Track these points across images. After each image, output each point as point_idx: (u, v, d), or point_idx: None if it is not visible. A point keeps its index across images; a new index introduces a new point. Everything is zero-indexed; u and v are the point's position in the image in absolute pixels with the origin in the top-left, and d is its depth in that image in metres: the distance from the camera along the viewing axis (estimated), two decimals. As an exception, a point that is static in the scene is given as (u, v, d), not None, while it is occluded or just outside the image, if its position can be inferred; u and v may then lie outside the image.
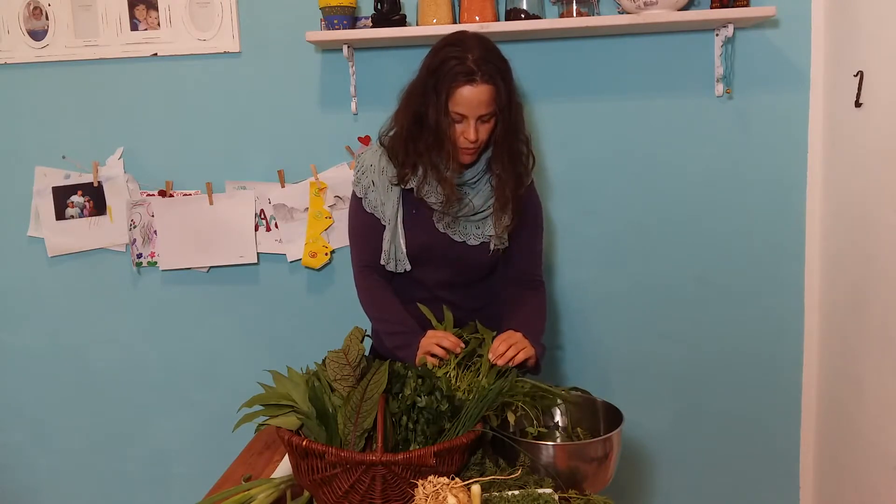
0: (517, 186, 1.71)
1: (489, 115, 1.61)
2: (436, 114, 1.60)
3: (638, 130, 2.27)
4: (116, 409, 2.48)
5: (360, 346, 1.40)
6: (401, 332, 1.71)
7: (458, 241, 1.74)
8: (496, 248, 1.77)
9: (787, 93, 2.23)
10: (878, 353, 1.96)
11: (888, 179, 1.89)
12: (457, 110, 1.59)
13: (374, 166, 1.75)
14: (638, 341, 2.36)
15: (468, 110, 1.59)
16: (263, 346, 2.42)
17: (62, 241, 2.40)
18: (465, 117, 1.60)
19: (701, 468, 2.42)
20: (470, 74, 1.56)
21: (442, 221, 1.73)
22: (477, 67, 1.56)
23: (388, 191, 1.73)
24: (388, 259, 1.75)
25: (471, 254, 1.76)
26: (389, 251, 1.74)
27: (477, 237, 1.74)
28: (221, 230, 2.35)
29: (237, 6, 2.28)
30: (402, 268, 1.75)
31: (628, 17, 2.07)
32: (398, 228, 1.73)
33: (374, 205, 1.75)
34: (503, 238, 1.76)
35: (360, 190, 1.76)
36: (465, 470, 1.40)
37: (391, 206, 1.73)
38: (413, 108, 1.66)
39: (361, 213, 1.77)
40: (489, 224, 1.73)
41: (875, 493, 2.00)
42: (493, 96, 1.59)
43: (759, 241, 2.30)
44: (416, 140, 1.66)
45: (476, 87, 1.57)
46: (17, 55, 2.34)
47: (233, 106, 2.33)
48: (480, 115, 1.60)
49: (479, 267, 1.79)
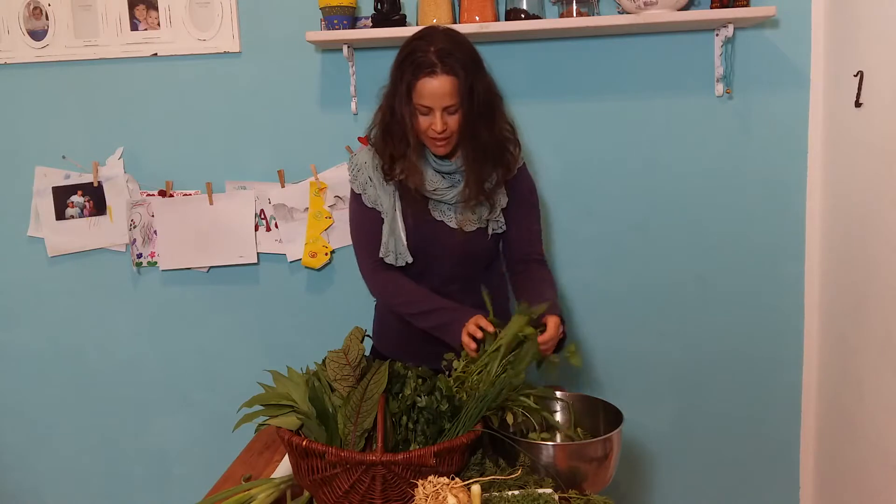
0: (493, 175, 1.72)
1: (454, 107, 1.62)
2: (401, 106, 1.64)
3: (638, 130, 2.27)
4: (116, 409, 2.48)
5: (360, 346, 1.40)
6: (438, 310, 1.70)
7: (455, 229, 1.74)
8: (494, 231, 1.78)
9: (787, 93, 2.23)
10: (878, 353, 1.96)
11: (888, 179, 1.89)
12: (421, 102, 1.62)
13: (367, 163, 1.77)
14: (638, 341, 2.36)
15: (431, 101, 1.61)
16: (263, 345, 2.42)
17: (62, 241, 2.40)
18: (431, 109, 1.62)
19: (701, 468, 2.42)
20: (431, 66, 1.59)
21: (437, 209, 1.75)
22: (438, 59, 1.59)
23: (383, 185, 1.74)
24: (387, 251, 1.74)
25: (469, 240, 1.76)
26: (389, 243, 1.74)
27: (472, 222, 1.75)
28: (221, 230, 2.35)
29: (237, 6, 2.28)
30: (403, 260, 1.75)
31: (628, 17, 2.07)
32: (397, 220, 1.73)
33: (373, 199, 1.76)
34: (499, 221, 1.78)
35: (359, 186, 1.77)
36: (465, 470, 1.40)
37: (388, 199, 1.74)
38: (388, 103, 1.70)
39: (362, 209, 1.78)
40: (483, 208, 1.75)
41: (875, 493, 2.00)
42: (455, 88, 1.60)
43: (759, 241, 2.30)
44: (393, 133, 1.69)
45: (437, 79, 1.59)
46: (17, 55, 2.34)
47: (233, 106, 2.33)
48: (445, 107, 1.61)
49: (479, 252, 1.79)
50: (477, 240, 1.77)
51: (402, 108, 1.64)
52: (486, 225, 1.77)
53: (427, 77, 1.59)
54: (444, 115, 1.62)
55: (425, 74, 1.59)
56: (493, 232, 1.78)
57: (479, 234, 1.77)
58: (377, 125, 1.74)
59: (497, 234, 1.80)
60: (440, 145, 1.67)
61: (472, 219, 1.75)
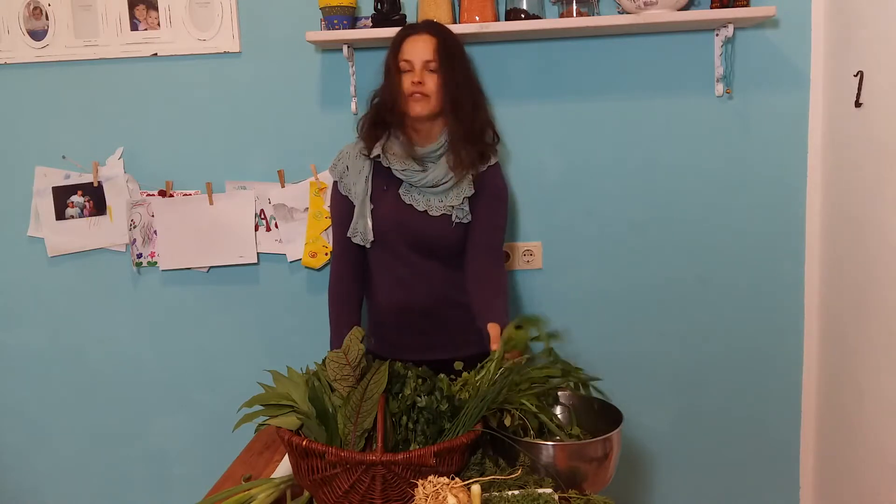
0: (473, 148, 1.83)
1: (433, 64, 1.78)
2: (388, 72, 1.83)
3: (638, 130, 2.27)
4: (116, 409, 2.48)
5: (360, 346, 1.40)
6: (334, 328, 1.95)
7: (421, 211, 1.84)
8: (458, 220, 1.85)
9: (787, 93, 2.23)
10: (878, 353, 1.96)
11: (888, 179, 1.89)
12: (403, 57, 1.80)
13: (348, 153, 1.93)
14: (638, 341, 2.37)
15: (412, 55, 1.79)
16: (263, 346, 2.42)
17: (62, 241, 2.40)
18: (412, 65, 1.79)
19: (701, 468, 2.42)
20: (415, 29, 1.84)
21: (408, 195, 1.86)
22: (422, 25, 1.85)
23: (359, 172, 1.88)
24: (354, 232, 1.88)
25: (433, 224, 1.85)
26: (358, 224, 1.87)
27: (438, 209, 1.85)
28: (221, 230, 2.35)
29: (237, 6, 2.28)
30: (366, 240, 1.87)
31: (628, 17, 2.07)
32: (366, 203, 1.86)
33: (347, 187, 1.90)
34: (464, 210, 1.85)
35: (336, 174, 1.93)
36: (465, 470, 1.40)
37: (361, 184, 1.87)
38: (377, 90, 1.88)
39: (337, 195, 1.94)
40: (451, 195, 1.85)
41: (875, 493, 2.00)
42: (435, 45, 1.79)
43: (759, 241, 2.30)
44: (379, 111, 1.86)
45: (419, 36, 1.81)
46: (17, 55, 2.34)
47: (233, 106, 2.33)
48: (425, 62, 1.78)
49: (439, 238, 1.86)
50: (440, 225, 1.85)
51: (388, 77, 1.83)
52: (451, 212, 1.85)
53: (411, 36, 1.82)
54: (423, 72, 1.78)
55: (410, 34, 1.82)
56: (456, 220, 1.86)
57: (443, 219, 1.85)
58: (367, 113, 1.91)
59: (462, 225, 1.87)
60: (417, 100, 1.79)
61: (438, 205, 1.84)
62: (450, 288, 1.90)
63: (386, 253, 1.89)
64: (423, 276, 1.89)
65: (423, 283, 1.89)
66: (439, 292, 1.90)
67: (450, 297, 1.90)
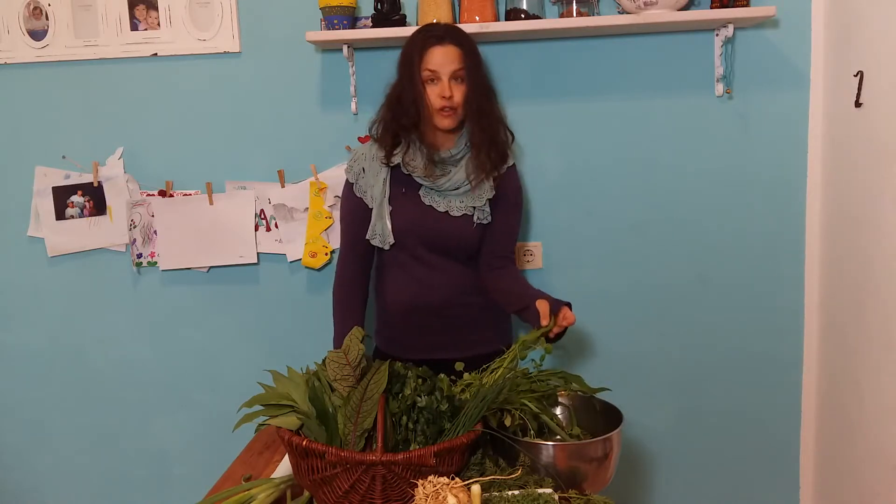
0: (495, 153, 1.83)
1: (460, 73, 1.76)
2: (411, 80, 1.76)
3: (638, 130, 2.27)
4: (116, 409, 2.48)
5: (360, 346, 1.40)
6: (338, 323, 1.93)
7: (442, 212, 1.84)
8: (479, 221, 1.85)
9: (787, 93, 2.23)
10: (878, 352, 1.96)
11: (888, 179, 1.89)
12: (429, 67, 1.75)
13: (365, 154, 1.89)
14: (638, 341, 2.36)
15: (439, 66, 1.75)
16: (263, 346, 2.42)
17: (62, 241, 2.40)
18: (438, 75, 1.75)
19: (701, 468, 2.42)
20: (439, 37, 1.77)
21: (428, 196, 1.85)
22: (445, 33, 1.78)
23: (376, 174, 1.85)
24: (373, 234, 1.86)
25: (454, 225, 1.85)
26: (376, 226, 1.85)
27: (459, 209, 1.84)
28: (221, 230, 2.35)
29: (237, 6, 2.28)
30: (386, 243, 1.85)
31: (628, 17, 2.07)
32: (384, 206, 1.84)
33: (363, 189, 1.88)
34: (485, 211, 1.85)
35: (352, 176, 1.90)
36: (465, 470, 1.40)
37: (379, 187, 1.85)
38: (394, 94, 1.83)
39: (351, 197, 1.91)
40: (473, 197, 1.84)
41: (875, 493, 2.00)
42: (461, 55, 1.76)
43: (759, 241, 2.30)
44: (399, 118, 1.81)
45: (444, 47, 1.75)
46: (17, 55, 2.34)
47: (233, 106, 2.33)
48: (453, 72, 1.75)
49: (460, 238, 1.86)
50: (461, 225, 1.85)
51: (413, 81, 1.76)
52: (473, 213, 1.85)
53: (435, 45, 1.75)
54: (451, 82, 1.75)
55: (433, 43, 1.76)
56: (477, 221, 1.86)
57: (464, 220, 1.85)
58: (383, 117, 1.85)
59: (481, 226, 1.87)
60: (447, 115, 1.77)
61: (459, 206, 1.84)
62: (462, 287, 1.90)
63: (403, 253, 1.88)
64: (438, 276, 1.88)
65: (437, 282, 1.89)
66: (452, 292, 1.90)
67: (462, 296, 1.91)
